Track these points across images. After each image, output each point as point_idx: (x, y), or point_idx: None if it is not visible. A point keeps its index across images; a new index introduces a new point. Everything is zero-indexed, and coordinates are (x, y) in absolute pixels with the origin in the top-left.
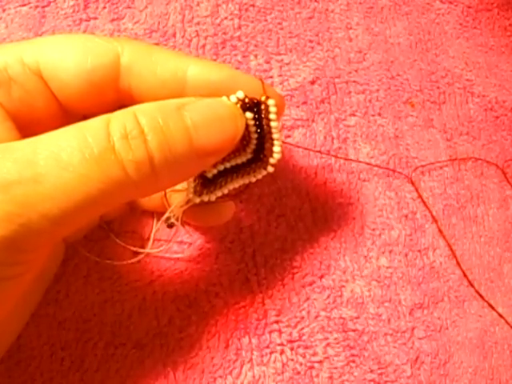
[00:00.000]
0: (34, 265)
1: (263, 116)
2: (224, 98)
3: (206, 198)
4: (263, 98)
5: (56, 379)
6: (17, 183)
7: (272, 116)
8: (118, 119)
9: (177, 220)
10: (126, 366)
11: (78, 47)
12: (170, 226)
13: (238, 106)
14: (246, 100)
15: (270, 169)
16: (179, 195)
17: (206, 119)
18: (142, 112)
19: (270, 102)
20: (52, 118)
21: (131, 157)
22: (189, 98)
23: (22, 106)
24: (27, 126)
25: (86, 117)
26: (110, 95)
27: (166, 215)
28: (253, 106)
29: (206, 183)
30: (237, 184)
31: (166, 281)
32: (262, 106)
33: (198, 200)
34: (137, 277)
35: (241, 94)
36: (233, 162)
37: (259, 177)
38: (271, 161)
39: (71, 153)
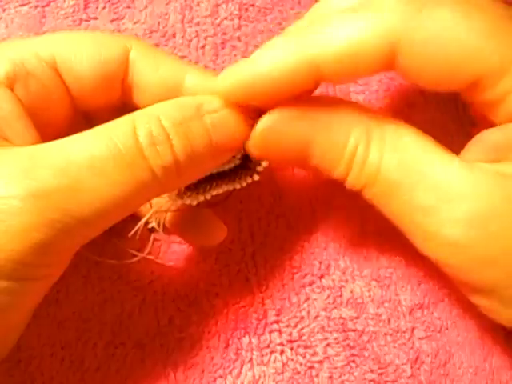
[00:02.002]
0: (62, 265)
1: None
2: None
3: (187, 201)
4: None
5: (56, 378)
6: (56, 191)
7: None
8: (143, 123)
9: (158, 225)
10: (127, 366)
11: (91, 41)
12: (151, 230)
13: None
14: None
15: (256, 177)
16: (162, 199)
17: (221, 117)
18: (165, 115)
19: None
20: (63, 113)
21: (159, 161)
22: (204, 97)
23: (39, 101)
24: (41, 122)
25: (90, 113)
26: (117, 89)
27: (145, 219)
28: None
29: (190, 187)
30: (221, 190)
31: (166, 281)
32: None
33: (179, 202)
34: (137, 276)
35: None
36: (220, 168)
37: (244, 184)
38: (258, 168)
39: (104, 160)
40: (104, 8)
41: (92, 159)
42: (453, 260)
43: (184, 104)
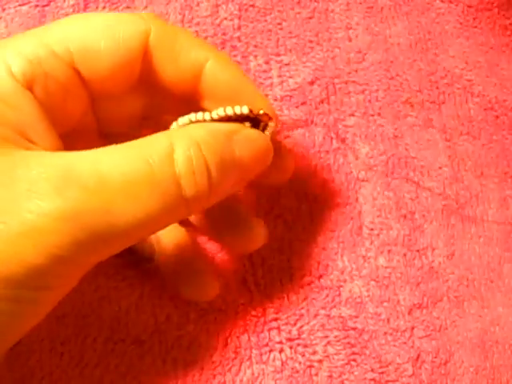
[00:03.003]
0: (79, 277)
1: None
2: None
3: None
4: (261, 112)
5: (55, 374)
6: (87, 212)
7: (266, 133)
8: (183, 149)
9: None
10: (126, 362)
11: (109, 31)
12: None
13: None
14: (251, 115)
15: None
16: None
17: (250, 151)
18: (205, 143)
19: (271, 124)
20: (80, 110)
21: (194, 191)
22: (235, 126)
23: (57, 102)
24: (58, 122)
25: (103, 99)
26: (135, 76)
27: None
28: (253, 119)
29: None
30: None
31: (163, 278)
32: (261, 123)
33: None
34: (134, 273)
35: (246, 110)
36: None
37: None
38: (266, 132)
39: (138, 185)
40: (104, 8)
41: (126, 182)
42: None
43: (217, 131)
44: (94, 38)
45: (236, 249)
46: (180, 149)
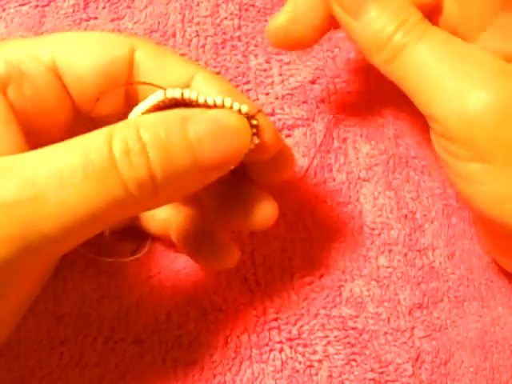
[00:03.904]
0: (29, 283)
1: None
2: (235, 107)
3: None
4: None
5: (55, 373)
6: (17, 204)
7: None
8: (120, 134)
9: None
10: (126, 362)
11: (95, 41)
12: None
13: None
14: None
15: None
16: None
17: (210, 132)
18: (145, 127)
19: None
20: (63, 118)
21: (133, 174)
22: (196, 110)
23: (32, 106)
24: (33, 130)
25: (93, 118)
26: (121, 92)
27: None
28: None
29: None
30: None
31: (164, 277)
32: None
33: None
34: (134, 272)
35: (245, 108)
36: None
37: None
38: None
39: (73, 171)
40: (104, 8)
41: (60, 170)
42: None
43: (169, 116)
44: (80, 47)
45: (207, 266)
46: (117, 134)
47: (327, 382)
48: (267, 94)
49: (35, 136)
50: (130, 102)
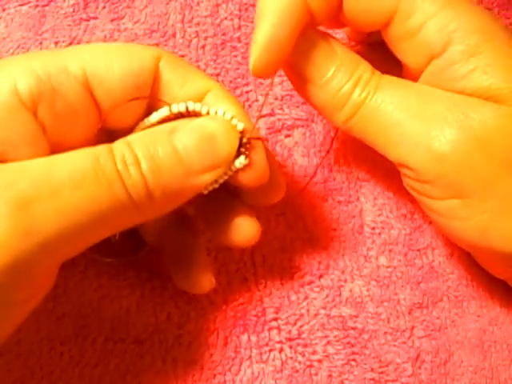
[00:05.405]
0: (42, 287)
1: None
2: (219, 113)
3: None
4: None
5: (55, 373)
6: (34, 200)
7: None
8: (118, 148)
9: None
10: (126, 362)
11: (122, 52)
12: None
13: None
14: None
15: (244, 160)
16: None
17: (196, 139)
18: (136, 142)
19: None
20: (88, 131)
21: (131, 182)
22: (183, 121)
23: (63, 122)
24: (62, 141)
25: (116, 129)
26: (142, 104)
27: None
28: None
29: None
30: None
31: (164, 277)
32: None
33: None
34: (135, 273)
35: (241, 126)
36: None
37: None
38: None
39: (85, 173)
40: (104, 8)
41: (73, 172)
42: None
43: (157, 130)
44: (109, 58)
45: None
46: (115, 147)
47: (327, 382)
48: (267, 94)
49: (58, 147)
50: (151, 109)
